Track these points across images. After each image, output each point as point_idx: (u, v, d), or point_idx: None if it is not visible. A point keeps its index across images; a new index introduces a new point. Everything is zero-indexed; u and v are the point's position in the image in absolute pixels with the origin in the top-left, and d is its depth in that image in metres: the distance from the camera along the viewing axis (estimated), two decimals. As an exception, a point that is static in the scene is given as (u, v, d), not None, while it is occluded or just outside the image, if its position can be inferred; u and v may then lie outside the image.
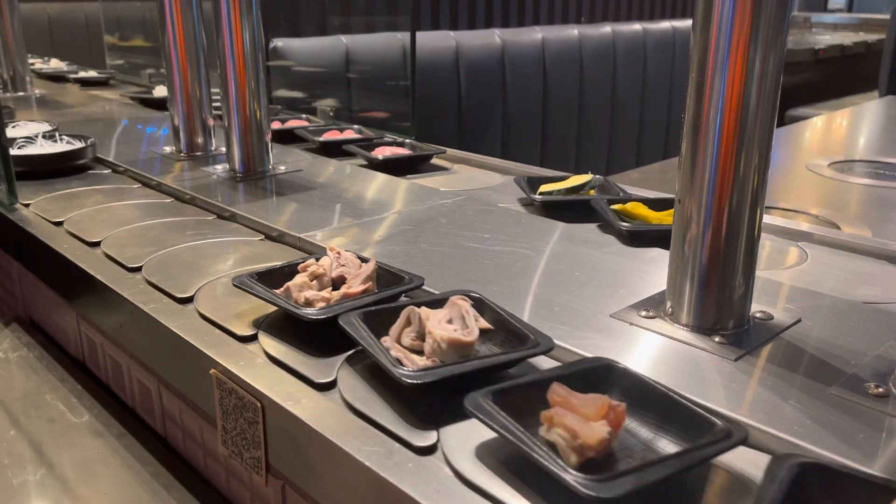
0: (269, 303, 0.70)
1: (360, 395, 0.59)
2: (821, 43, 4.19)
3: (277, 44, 2.17)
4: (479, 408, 0.51)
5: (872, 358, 0.62)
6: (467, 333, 0.60)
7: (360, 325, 0.63)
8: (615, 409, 0.50)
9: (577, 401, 0.50)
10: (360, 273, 0.73)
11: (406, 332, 0.63)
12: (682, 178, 0.65)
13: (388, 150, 1.38)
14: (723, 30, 0.59)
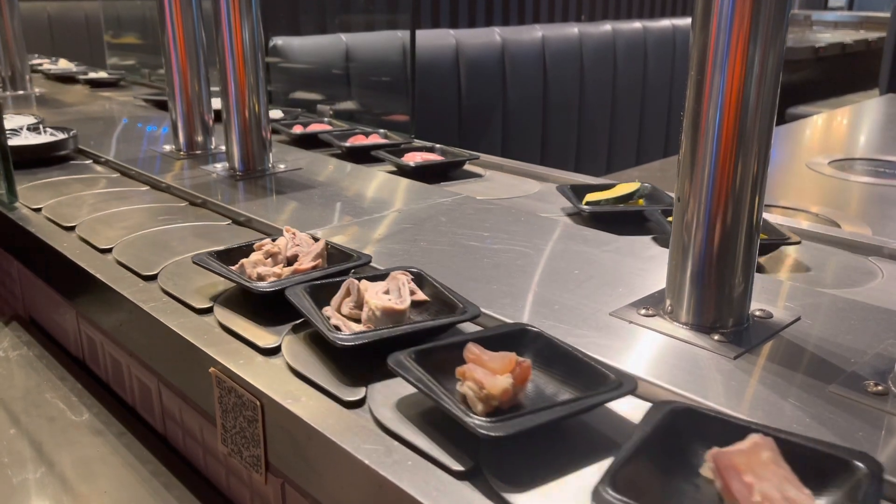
0: (225, 278, 0.75)
1: (301, 358, 0.64)
2: (821, 41, 4.19)
3: (277, 42, 2.17)
4: (399, 364, 0.56)
5: (872, 356, 0.62)
6: (400, 302, 0.67)
7: (305, 296, 0.68)
8: (521, 364, 0.55)
9: (488, 357, 0.56)
10: (310, 251, 0.79)
11: (345, 302, 0.68)
12: (681, 176, 0.64)
13: (419, 155, 1.31)
14: (722, 27, 0.59)
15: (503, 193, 1.18)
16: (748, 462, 0.43)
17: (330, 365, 0.63)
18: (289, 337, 0.68)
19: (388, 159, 1.30)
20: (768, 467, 0.43)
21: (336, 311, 0.68)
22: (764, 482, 0.42)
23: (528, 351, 0.60)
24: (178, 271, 0.84)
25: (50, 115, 1.79)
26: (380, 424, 0.55)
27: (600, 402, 0.53)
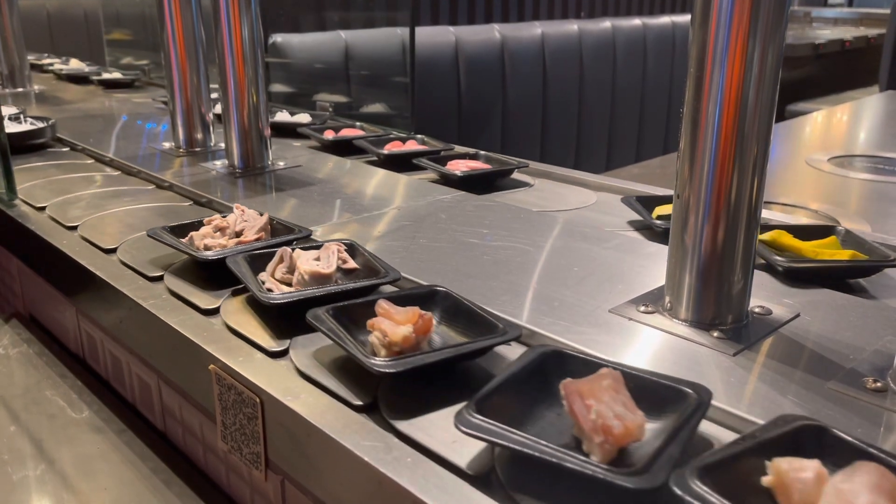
0: (175, 248, 0.82)
1: (236, 318, 0.72)
2: (821, 38, 4.18)
3: (277, 39, 2.17)
4: (316, 318, 0.63)
5: (871, 353, 0.62)
6: (326, 267, 0.74)
7: (244, 263, 0.76)
8: (423, 317, 0.62)
9: (395, 311, 0.62)
10: (254, 224, 0.86)
11: (279, 268, 0.76)
12: (681, 172, 0.64)
13: (463, 163, 1.24)
14: (722, 24, 0.59)
15: (559, 204, 1.11)
16: (590, 388, 0.50)
17: (261, 322, 0.71)
18: (228, 300, 0.75)
19: (431, 167, 1.22)
20: (607, 392, 0.50)
21: (270, 276, 0.75)
22: (601, 404, 0.49)
23: (436, 308, 0.67)
24: (137, 244, 0.91)
25: (48, 112, 1.79)
26: (297, 370, 0.62)
27: (484, 346, 0.60)
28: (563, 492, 0.47)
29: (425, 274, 0.78)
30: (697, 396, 0.51)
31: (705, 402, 0.51)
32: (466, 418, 0.49)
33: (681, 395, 0.52)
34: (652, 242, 0.89)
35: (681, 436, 0.47)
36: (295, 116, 1.64)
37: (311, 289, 0.71)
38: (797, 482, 0.43)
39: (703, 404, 0.50)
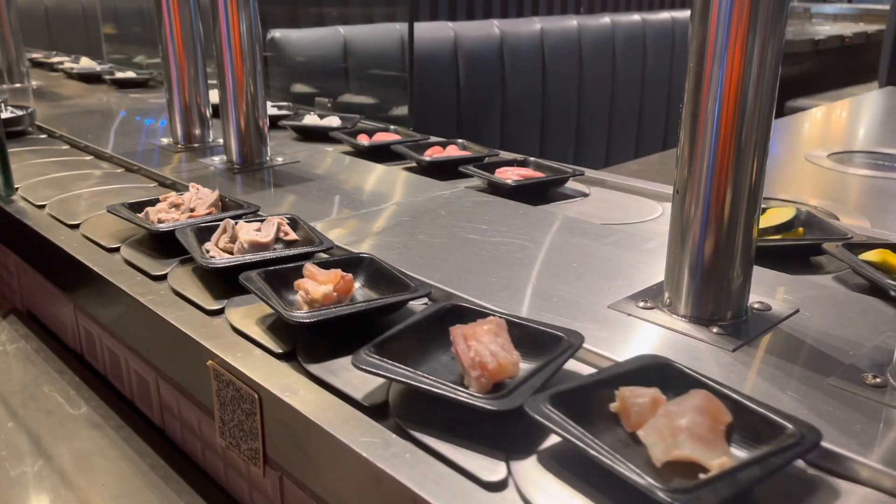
0: (129, 221, 0.90)
1: (182, 282, 0.79)
2: (820, 34, 4.18)
3: (275, 35, 2.16)
4: (248, 279, 0.70)
5: (870, 348, 0.62)
6: (264, 237, 0.82)
7: (191, 235, 0.83)
8: (344, 278, 0.69)
9: (319, 273, 0.69)
10: (206, 200, 0.94)
11: (222, 238, 0.83)
12: (680, 168, 0.64)
13: (513, 171, 1.14)
14: (721, 19, 0.59)
15: (623, 216, 1.01)
16: (473, 332, 0.57)
17: (203, 286, 0.78)
18: (176, 268, 0.83)
19: (479, 175, 1.12)
20: (487, 335, 0.57)
21: (215, 245, 0.83)
22: (480, 344, 0.56)
23: (361, 272, 0.74)
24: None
25: (45, 108, 1.79)
26: (231, 326, 0.69)
27: (393, 301, 0.67)
28: (443, 420, 0.54)
29: (424, 270, 0.77)
30: (569, 340, 0.58)
31: (575, 344, 0.58)
32: (362, 357, 0.56)
33: (556, 339, 0.59)
34: (651, 238, 0.89)
35: (545, 370, 0.55)
36: (324, 120, 1.53)
37: (248, 255, 0.78)
38: (635, 406, 0.51)
39: (573, 346, 0.58)
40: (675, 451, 0.47)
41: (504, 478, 0.48)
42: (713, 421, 0.48)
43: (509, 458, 0.50)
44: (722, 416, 0.49)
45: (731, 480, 0.43)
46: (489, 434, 0.52)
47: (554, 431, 0.48)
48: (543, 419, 0.48)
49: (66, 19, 3.34)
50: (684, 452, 0.46)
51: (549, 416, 0.49)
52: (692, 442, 0.47)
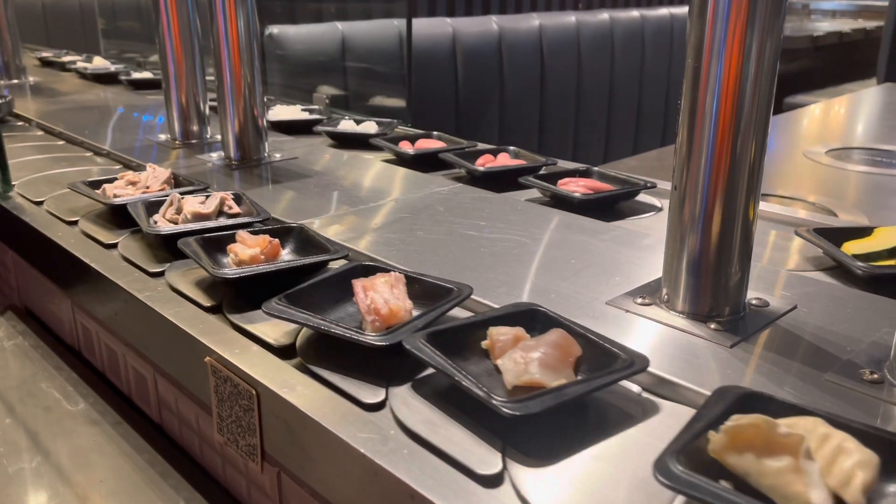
0: (87, 196, 0.98)
1: (130, 250, 0.87)
2: (819, 30, 4.18)
3: (273, 31, 2.16)
4: (186, 244, 0.78)
5: (868, 344, 0.62)
6: (207, 208, 0.90)
7: (141, 207, 0.91)
8: (272, 243, 0.77)
9: (249, 238, 0.78)
10: (159, 178, 1.03)
11: (169, 210, 0.91)
12: (678, 164, 0.64)
13: (573, 182, 1.05)
14: (719, 15, 0.59)
15: None
16: (371, 283, 0.66)
17: (149, 253, 0.86)
18: (126, 238, 0.91)
19: (541, 187, 1.04)
20: (384, 286, 0.65)
21: (162, 216, 0.90)
22: (376, 294, 0.64)
23: (291, 240, 0.82)
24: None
25: (45, 105, 1.79)
26: (170, 286, 0.77)
27: (312, 262, 0.75)
28: (340, 357, 0.62)
29: (422, 266, 0.77)
30: (458, 291, 0.66)
31: (464, 294, 0.66)
32: (272, 304, 0.64)
33: (447, 290, 0.67)
34: (648, 234, 0.89)
35: (429, 315, 0.63)
36: (361, 126, 1.44)
37: (190, 224, 0.87)
38: (499, 341, 0.58)
39: (461, 296, 0.66)
40: (524, 377, 0.54)
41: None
42: (563, 353, 0.56)
43: (389, 386, 0.58)
44: (573, 349, 0.57)
45: (557, 394, 0.51)
46: (378, 368, 0.60)
47: (423, 361, 0.56)
48: (417, 351, 0.56)
49: (62, 15, 3.33)
50: (533, 377, 0.54)
51: (422, 350, 0.56)
52: (542, 369, 0.54)
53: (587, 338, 0.58)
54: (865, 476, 0.41)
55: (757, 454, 0.42)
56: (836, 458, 0.42)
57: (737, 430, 0.42)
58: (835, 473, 0.41)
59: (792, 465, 0.41)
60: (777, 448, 0.41)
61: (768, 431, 0.42)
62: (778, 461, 0.41)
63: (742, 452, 0.42)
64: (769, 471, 0.41)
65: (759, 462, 0.42)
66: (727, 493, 0.40)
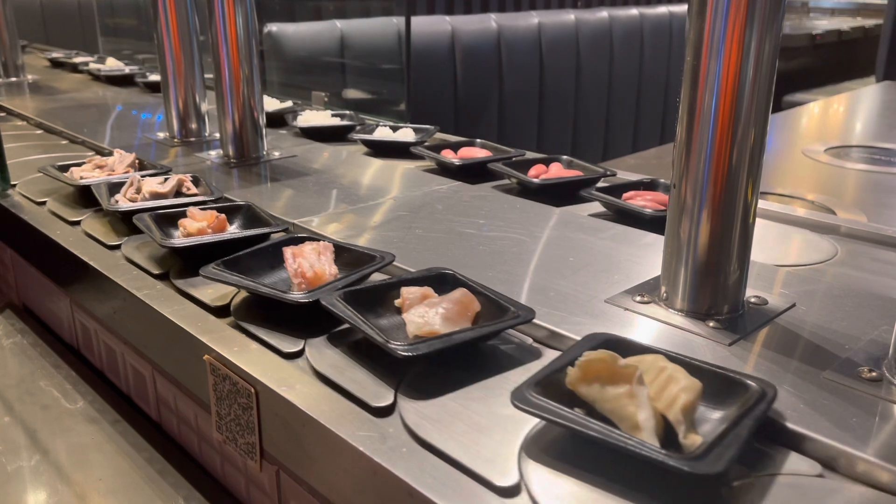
0: (55, 179, 1.07)
1: (93, 226, 0.95)
2: (818, 28, 4.18)
3: (272, 29, 2.16)
4: (141, 219, 0.86)
5: (866, 342, 0.62)
6: (164, 188, 0.98)
7: (104, 188, 0.99)
8: (219, 218, 0.85)
9: (198, 213, 0.86)
10: (124, 161, 1.11)
11: (129, 190, 0.98)
12: (677, 162, 0.64)
13: (644, 196, 0.97)
14: (718, 13, 0.59)
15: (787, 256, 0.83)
16: (301, 250, 0.73)
17: (110, 228, 0.94)
18: (89, 216, 0.98)
19: (604, 201, 0.97)
20: (312, 253, 0.72)
21: (123, 196, 0.97)
22: (304, 259, 0.71)
23: (240, 217, 0.90)
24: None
25: (43, 103, 1.78)
26: (126, 258, 0.85)
27: (253, 234, 0.83)
28: (267, 316, 0.69)
29: (421, 264, 0.77)
30: (381, 257, 0.73)
31: (386, 260, 0.73)
32: (209, 269, 0.71)
33: (371, 257, 0.74)
34: (647, 233, 0.89)
35: (352, 276, 0.70)
36: (398, 133, 1.36)
37: (147, 202, 0.95)
38: (408, 299, 0.65)
39: (384, 261, 0.73)
40: (425, 328, 0.61)
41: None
42: (463, 308, 0.63)
43: (307, 338, 0.65)
44: (472, 305, 0.64)
45: (446, 339, 0.58)
46: (301, 324, 0.67)
47: (335, 315, 0.62)
48: (331, 307, 0.63)
49: (61, 13, 3.33)
50: (433, 328, 0.60)
51: (335, 305, 0.63)
52: (441, 321, 0.61)
53: (486, 296, 0.65)
54: (687, 398, 0.48)
55: (602, 384, 0.50)
56: (666, 385, 0.49)
57: (587, 364, 0.50)
58: (664, 398, 0.48)
59: (627, 392, 0.48)
60: (617, 378, 0.49)
61: (611, 364, 0.50)
62: (617, 389, 0.49)
63: (591, 383, 0.50)
64: (609, 397, 0.49)
65: (603, 390, 0.49)
66: (568, 413, 0.48)
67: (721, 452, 0.44)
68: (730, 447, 0.44)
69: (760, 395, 0.50)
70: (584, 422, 0.47)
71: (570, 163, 1.14)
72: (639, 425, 0.47)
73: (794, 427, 0.51)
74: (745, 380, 0.51)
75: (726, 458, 0.43)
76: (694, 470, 0.42)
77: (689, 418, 0.48)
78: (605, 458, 0.48)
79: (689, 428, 0.47)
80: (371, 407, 0.55)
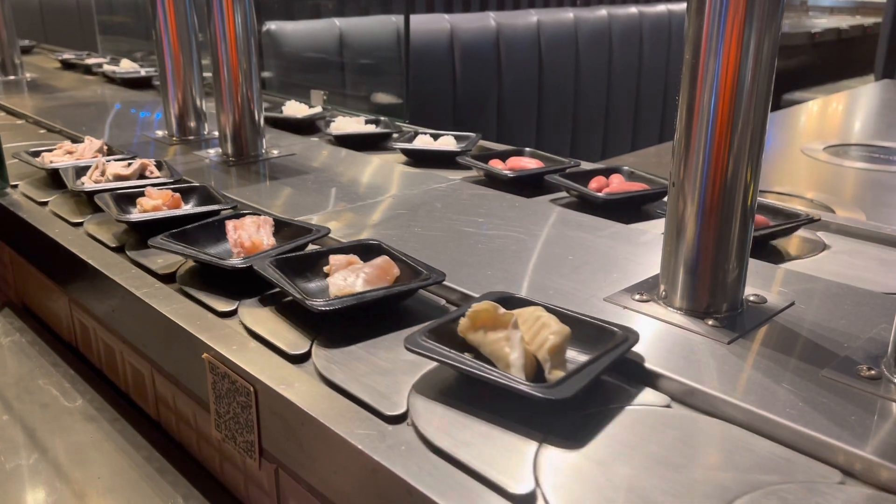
0: (27, 163, 1.15)
1: (60, 206, 1.02)
2: (817, 26, 4.18)
3: (270, 27, 2.15)
4: (101, 198, 0.94)
5: (865, 340, 0.62)
6: (127, 170, 1.06)
7: (72, 171, 1.07)
8: (174, 196, 0.94)
9: (155, 192, 0.94)
10: (91, 147, 1.19)
11: (94, 173, 1.06)
12: (676, 160, 0.64)
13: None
14: (717, 11, 0.59)
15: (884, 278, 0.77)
16: (241, 223, 0.82)
17: (75, 207, 1.01)
18: (57, 197, 1.07)
19: None
20: (252, 226, 0.81)
21: (89, 178, 1.05)
22: (244, 231, 0.80)
23: (195, 196, 0.98)
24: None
25: (41, 101, 1.78)
26: (90, 234, 0.92)
27: (202, 211, 0.91)
28: (208, 281, 0.77)
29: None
30: (316, 230, 0.82)
31: (322, 232, 0.82)
32: (157, 239, 0.80)
33: (307, 230, 0.82)
34: (646, 231, 0.89)
35: (284, 248, 0.78)
36: (439, 141, 1.28)
37: (111, 183, 1.02)
38: (334, 265, 0.72)
39: (320, 234, 0.82)
40: (346, 289, 0.67)
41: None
42: (383, 273, 0.70)
43: (240, 299, 0.72)
44: (392, 271, 0.71)
45: (358, 296, 0.66)
46: (239, 289, 0.74)
47: (264, 278, 0.70)
48: (262, 271, 0.70)
49: (59, 12, 3.32)
50: (353, 289, 0.67)
51: (266, 270, 0.71)
52: (362, 283, 0.68)
53: (405, 262, 0.73)
54: (554, 340, 0.55)
55: (486, 330, 0.57)
56: (539, 331, 0.57)
57: (474, 314, 0.58)
58: (535, 341, 0.56)
59: (504, 336, 0.56)
60: (498, 324, 0.57)
61: (493, 313, 0.57)
62: (497, 334, 0.57)
63: (477, 330, 0.58)
64: (490, 340, 0.57)
65: (486, 335, 0.57)
66: (449, 352, 0.55)
67: (572, 383, 0.52)
68: (580, 380, 0.52)
69: (622, 339, 0.58)
70: (461, 359, 0.55)
71: (631, 174, 1.06)
72: (510, 363, 0.55)
73: (793, 425, 0.50)
74: (611, 327, 0.59)
75: (574, 388, 0.51)
76: (544, 395, 0.50)
77: (555, 358, 0.55)
78: (482, 393, 0.55)
79: (554, 366, 0.55)
80: (288, 354, 0.63)
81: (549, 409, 0.54)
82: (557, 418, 0.53)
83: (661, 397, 0.56)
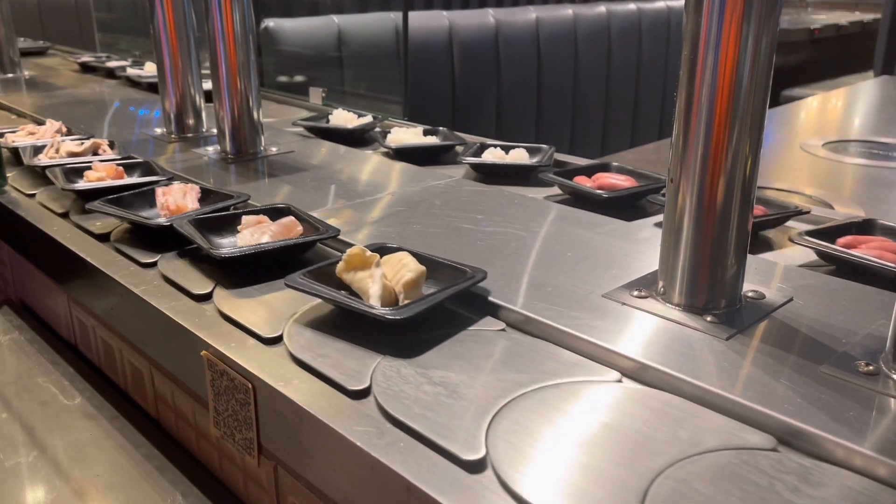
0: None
1: (20, 182, 1.12)
2: (816, 22, 4.17)
3: (269, 24, 2.15)
4: (52, 171, 1.05)
5: (863, 336, 0.62)
6: (79, 147, 1.16)
7: (30, 150, 1.16)
8: (117, 169, 1.05)
9: (102, 165, 1.05)
10: (52, 129, 1.29)
11: (50, 151, 1.14)
12: (674, 156, 0.64)
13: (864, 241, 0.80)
14: (716, 7, 0.59)
15: None
16: (170, 189, 0.93)
17: (31, 183, 1.12)
18: (16, 173, 1.16)
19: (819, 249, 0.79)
20: (178, 192, 0.93)
21: (45, 155, 1.14)
22: (171, 196, 0.91)
23: (139, 170, 1.09)
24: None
25: (40, 99, 1.78)
26: (40, 203, 1.03)
27: (140, 181, 1.03)
28: (137, 239, 0.88)
29: (418, 259, 0.77)
30: (238, 197, 0.93)
31: (242, 198, 0.93)
32: (95, 204, 0.90)
33: (228, 196, 0.94)
34: (645, 227, 0.89)
35: (203, 210, 0.89)
36: (511, 154, 1.16)
37: (64, 160, 1.12)
38: (245, 225, 0.83)
39: (240, 200, 0.92)
40: (251, 242, 0.79)
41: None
42: (286, 230, 0.82)
43: (162, 253, 0.83)
44: (296, 228, 0.83)
45: (256, 247, 0.77)
46: (164, 246, 0.84)
47: (181, 233, 0.81)
48: (179, 228, 0.82)
49: (58, 9, 3.32)
50: (256, 242, 0.79)
51: (183, 227, 0.82)
52: (268, 238, 0.79)
53: (309, 222, 0.84)
54: (409, 276, 0.66)
55: (356, 270, 0.69)
56: (399, 270, 0.68)
57: (349, 257, 0.69)
58: (395, 278, 0.67)
59: (369, 273, 0.68)
60: (366, 265, 0.68)
61: (361, 255, 0.69)
62: (363, 272, 0.68)
63: (349, 271, 0.69)
64: (358, 278, 0.68)
65: (355, 274, 0.68)
66: (318, 286, 0.67)
67: (413, 307, 0.63)
68: (421, 305, 0.63)
69: (469, 276, 0.69)
70: (327, 291, 0.66)
71: None
72: (370, 295, 0.66)
73: (792, 420, 0.50)
74: (463, 268, 0.70)
75: (414, 311, 0.62)
76: (387, 315, 0.62)
77: (411, 292, 0.66)
78: (347, 321, 0.67)
79: (408, 297, 0.66)
80: (192, 294, 0.74)
81: (393, 328, 0.64)
82: (405, 339, 0.63)
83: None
